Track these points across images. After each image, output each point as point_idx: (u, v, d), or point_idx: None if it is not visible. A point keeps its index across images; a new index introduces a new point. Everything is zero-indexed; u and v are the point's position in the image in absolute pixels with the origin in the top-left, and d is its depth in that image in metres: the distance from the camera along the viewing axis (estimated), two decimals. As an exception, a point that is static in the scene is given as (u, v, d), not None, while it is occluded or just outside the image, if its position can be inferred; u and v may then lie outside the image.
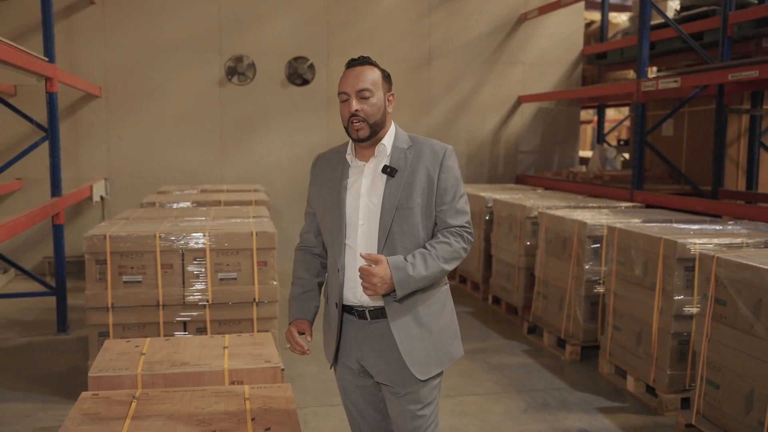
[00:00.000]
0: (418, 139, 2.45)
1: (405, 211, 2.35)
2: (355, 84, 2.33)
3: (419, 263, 2.30)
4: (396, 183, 2.36)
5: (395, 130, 2.46)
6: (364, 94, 2.33)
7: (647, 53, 6.47)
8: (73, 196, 6.39)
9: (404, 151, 2.41)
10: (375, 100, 2.34)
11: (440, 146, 2.41)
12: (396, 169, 2.38)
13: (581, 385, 4.68)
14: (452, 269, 2.38)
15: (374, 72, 2.38)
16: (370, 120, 2.34)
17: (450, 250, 2.35)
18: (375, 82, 2.36)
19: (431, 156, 2.39)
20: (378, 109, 2.35)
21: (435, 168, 2.38)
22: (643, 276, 4.37)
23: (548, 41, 9.29)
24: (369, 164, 2.43)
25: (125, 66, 8.10)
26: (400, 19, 8.79)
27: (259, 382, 3.24)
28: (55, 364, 4.99)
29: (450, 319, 2.50)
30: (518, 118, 9.33)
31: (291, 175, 8.58)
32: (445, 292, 2.50)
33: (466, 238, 2.39)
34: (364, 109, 2.33)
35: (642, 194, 6.58)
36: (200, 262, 4.28)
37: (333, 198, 2.45)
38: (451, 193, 2.38)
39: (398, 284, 2.29)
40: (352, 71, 2.38)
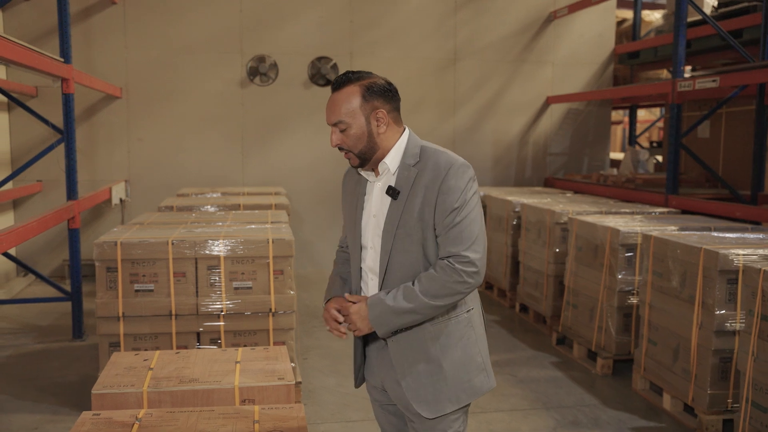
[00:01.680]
0: (428, 152, 2.18)
1: (404, 238, 2.15)
2: (330, 117, 2.16)
3: (398, 299, 2.10)
4: (397, 206, 2.16)
5: (407, 143, 2.21)
6: (340, 127, 2.15)
7: (683, 51, 6.18)
8: (89, 199, 6.28)
9: (410, 168, 2.17)
10: (353, 131, 2.14)
11: (445, 162, 2.13)
12: (398, 190, 2.16)
13: (614, 402, 4.43)
14: (449, 304, 2.12)
15: (350, 97, 2.13)
16: (354, 150, 2.17)
17: (437, 286, 2.08)
18: (350, 110, 2.13)
19: (432, 174, 2.13)
20: (359, 139, 2.15)
21: (434, 189, 2.11)
22: (681, 288, 4.12)
23: (578, 40, 9.02)
24: (378, 182, 2.25)
25: (146, 67, 7.99)
26: (426, 17, 8.58)
27: (272, 400, 3.06)
28: (68, 372, 4.86)
29: (470, 352, 2.23)
30: (547, 119, 9.06)
31: (313, 179, 8.41)
32: (462, 322, 2.23)
33: (460, 271, 2.07)
34: (344, 141, 2.16)
35: (677, 199, 6.29)
36: (214, 271, 4.12)
37: (352, 215, 2.32)
38: (450, 217, 2.10)
39: (374, 322, 2.13)
40: (330, 100, 2.18)
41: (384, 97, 2.16)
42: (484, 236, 2.14)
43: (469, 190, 2.12)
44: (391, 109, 2.19)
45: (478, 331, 2.27)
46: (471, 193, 2.13)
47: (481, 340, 2.28)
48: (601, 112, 9.26)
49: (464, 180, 2.11)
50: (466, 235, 2.09)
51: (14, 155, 7.73)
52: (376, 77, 2.18)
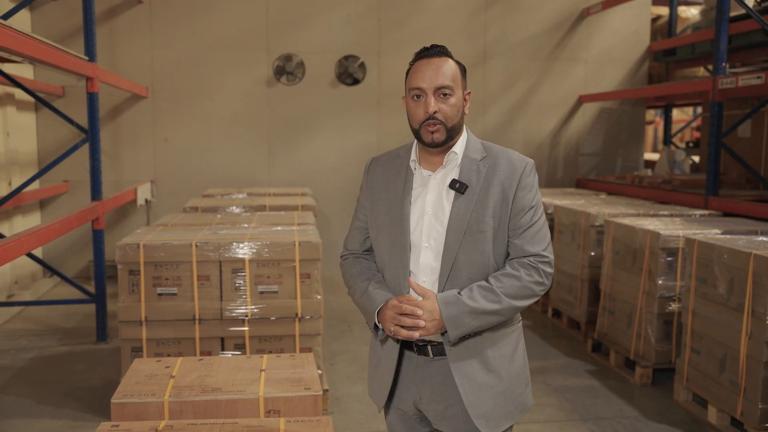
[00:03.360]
0: (494, 148, 2.07)
1: (475, 236, 1.97)
2: (434, 79, 1.97)
3: (478, 299, 1.93)
4: (466, 201, 1.99)
5: (467, 136, 2.09)
6: (444, 91, 1.98)
7: (725, 47, 5.93)
8: (114, 200, 6.21)
9: (477, 163, 2.03)
10: (454, 100, 1.99)
11: (520, 159, 2.04)
12: (466, 184, 2.00)
13: (655, 414, 4.22)
14: (526, 306, 1.99)
15: (453, 65, 2.02)
16: (448, 123, 1.99)
17: (518, 286, 1.95)
18: (455, 77, 2.01)
19: (509, 170, 2.00)
20: (457, 111, 2.01)
21: (512, 185, 1.99)
22: (728, 295, 3.90)
23: (612, 37, 8.77)
24: (436, 175, 2.06)
25: (172, 66, 7.93)
26: (455, 15, 8.40)
27: (298, 411, 2.92)
28: (91, 376, 4.77)
29: (522, 364, 2.13)
30: (579, 118, 8.83)
31: (340, 179, 8.27)
32: (517, 332, 2.12)
33: (542, 271, 1.97)
34: (443, 110, 1.98)
35: (718, 201, 6.05)
36: (239, 274, 3.99)
37: (393, 213, 2.08)
38: (528, 215, 1.99)
39: (449, 322, 1.92)
40: (428, 63, 2.00)
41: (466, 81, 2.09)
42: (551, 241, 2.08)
43: (538, 190, 2.07)
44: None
45: (523, 344, 2.17)
46: (539, 193, 2.08)
47: (526, 353, 2.19)
48: (635, 112, 9.00)
49: (536, 180, 2.06)
50: (543, 234, 2.01)
51: (41, 155, 7.71)
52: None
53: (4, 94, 6.56)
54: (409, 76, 2.04)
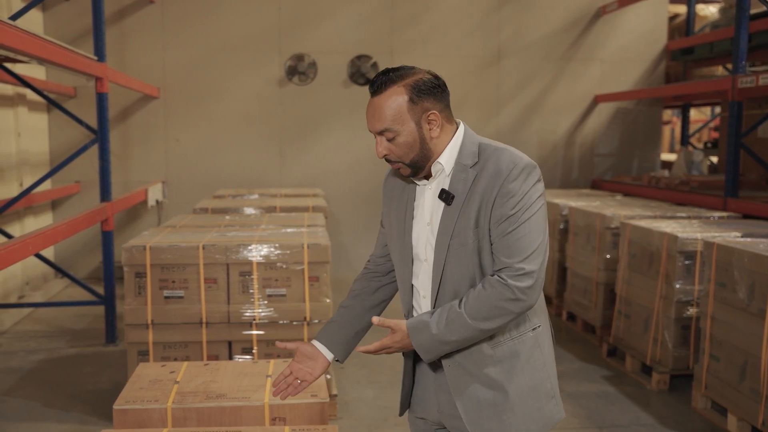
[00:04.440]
0: (488, 150, 1.90)
1: (458, 248, 1.87)
2: (372, 123, 1.87)
3: (443, 327, 1.83)
4: (451, 212, 1.88)
5: (462, 139, 1.93)
6: (386, 135, 1.87)
7: (746, 46, 5.80)
8: (124, 200, 6.17)
9: (467, 170, 1.88)
10: (403, 138, 1.86)
11: (508, 163, 1.84)
12: (453, 194, 1.88)
13: (672, 422, 4.11)
14: (499, 327, 1.84)
15: (395, 99, 1.84)
16: (405, 159, 1.89)
17: (486, 307, 1.80)
18: (397, 115, 1.84)
19: (492, 176, 1.84)
20: (410, 147, 1.87)
21: (492, 192, 1.83)
22: (749, 300, 3.79)
23: (628, 36, 8.64)
24: (430, 185, 1.96)
25: (183, 66, 7.89)
26: (468, 14, 8.30)
27: (304, 419, 2.85)
28: (99, 379, 4.73)
29: (538, 377, 1.94)
30: (595, 118, 8.71)
31: (352, 180, 8.20)
32: (528, 342, 1.94)
33: (513, 287, 1.78)
34: (393, 151, 1.88)
35: (737, 202, 5.91)
36: (247, 277, 3.93)
37: (399, 224, 2.02)
38: (506, 224, 1.82)
39: (421, 350, 1.87)
40: (371, 104, 1.88)
41: (434, 95, 1.87)
42: (545, 248, 1.85)
43: (533, 193, 1.84)
44: (443, 107, 1.90)
45: (546, 352, 1.98)
46: (535, 197, 1.84)
47: (549, 363, 1.99)
48: (651, 112, 8.86)
49: (528, 182, 1.83)
50: (523, 244, 1.81)
51: (53, 156, 7.70)
52: (419, 72, 1.89)
53: (15, 94, 6.55)
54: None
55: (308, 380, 2.08)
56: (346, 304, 2.18)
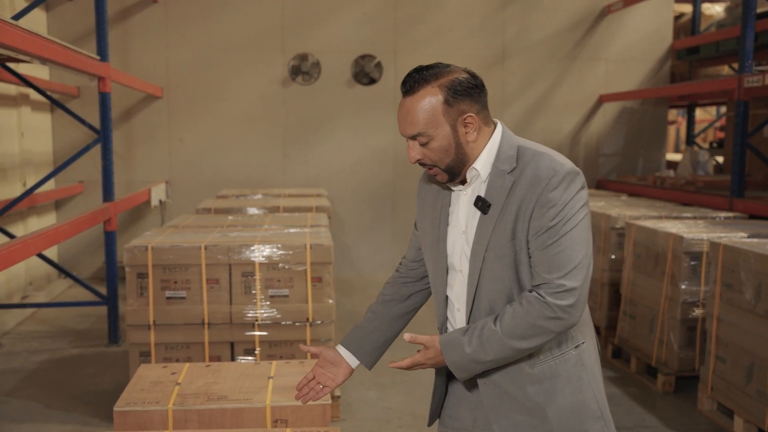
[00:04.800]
0: (527, 154, 1.76)
1: (494, 261, 1.75)
2: (404, 127, 1.76)
3: (476, 345, 1.72)
4: (487, 221, 1.75)
5: (500, 142, 1.80)
6: (419, 139, 1.75)
7: (752, 44, 5.76)
8: (127, 201, 6.16)
9: (504, 176, 1.75)
10: (438, 143, 1.74)
11: (547, 169, 1.71)
12: (489, 202, 1.75)
13: (678, 424, 4.08)
14: (537, 346, 1.72)
15: (429, 101, 1.72)
16: (440, 164, 1.77)
17: (523, 326, 1.68)
18: (431, 119, 1.72)
19: (531, 184, 1.71)
20: (445, 152, 1.75)
21: (530, 200, 1.70)
22: (756, 301, 3.75)
23: (633, 36, 8.59)
24: (465, 191, 1.83)
25: (187, 66, 7.88)
26: (473, 14, 8.27)
27: (306, 421, 2.82)
28: (101, 380, 4.71)
29: (582, 397, 1.81)
30: (600, 118, 8.67)
31: (355, 180, 8.18)
32: (570, 361, 1.80)
33: (553, 305, 1.66)
34: (427, 156, 1.76)
35: (743, 203, 5.87)
36: (249, 277, 3.90)
37: (434, 230, 1.90)
38: (545, 236, 1.69)
39: (454, 368, 1.77)
40: (401, 106, 1.77)
41: (471, 96, 1.75)
42: (588, 262, 1.71)
43: (576, 203, 1.71)
44: (480, 108, 1.77)
45: (591, 370, 1.84)
46: (577, 206, 1.71)
47: (595, 382, 1.85)
48: (657, 111, 8.82)
49: (570, 191, 1.71)
50: (564, 258, 1.68)
51: (56, 156, 7.70)
52: (455, 70, 1.76)
53: (18, 94, 6.54)
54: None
55: (330, 386, 2.05)
56: (375, 310, 2.10)
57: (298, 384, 2.01)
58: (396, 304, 2.09)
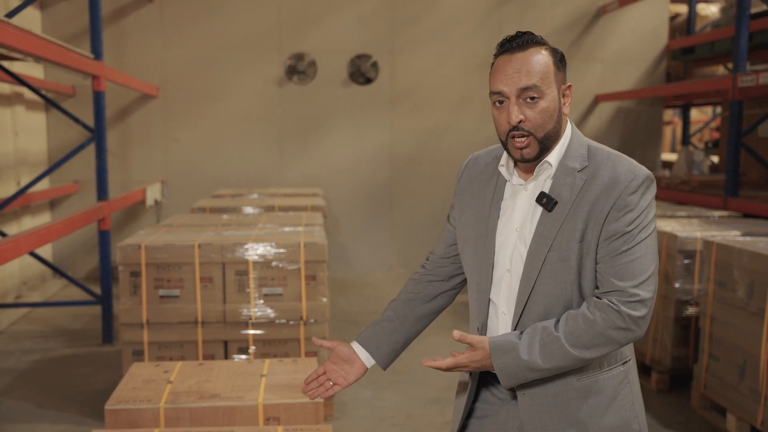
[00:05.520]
0: (600, 154, 1.68)
1: (556, 264, 1.65)
2: (516, 79, 1.61)
3: (535, 352, 1.61)
4: (553, 219, 1.65)
5: (570, 137, 1.71)
6: (530, 94, 1.61)
7: (746, 44, 5.77)
8: (121, 200, 6.15)
9: (574, 174, 1.66)
10: (546, 103, 1.62)
11: (627, 172, 1.63)
12: (555, 200, 1.65)
13: (671, 422, 4.08)
14: (600, 356, 1.64)
15: (544, 57, 1.63)
16: (539, 133, 1.63)
17: (591, 333, 1.60)
18: (546, 73, 1.62)
19: (607, 185, 1.62)
20: (551, 116, 1.63)
21: (606, 203, 1.61)
22: (748, 299, 3.75)
23: (629, 36, 8.60)
24: (527, 185, 1.72)
25: (183, 65, 7.87)
26: (469, 14, 8.27)
27: (298, 419, 2.82)
28: (95, 380, 4.70)
29: (625, 416, 1.73)
30: (596, 118, 8.67)
31: (352, 180, 8.17)
32: (617, 377, 1.72)
33: (625, 315, 1.58)
34: (530, 118, 1.62)
35: (737, 202, 5.88)
36: (243, 276, 3.90)
37: (480, 224, 1.78)
38: (620, 241, 1.61)
39: (501, 373, 1.65)
40: (510, 60, 1.64)
41: (565, 70, 1.69)
42: (657, 274, 1.65)
43: (650, 211, 1.65)
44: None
45: (635, 389, 1.77)
46: (651, 215, 1.65)
47: (638, 401, 1.78)
48: (652, 111, 8.83)
49: (647, 198, 1.63)
50: (638, 266, 1.60)
51: (51, 155, 7.68)
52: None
53: (12, 93, 6.52)
54: (491, 76, 1.68)
55: (342, 384, 1.89)
56: (396, 309, 1.96)
57: (306, 378, 1.91)
58: (420, 304, 1.96)
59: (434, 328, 2.23)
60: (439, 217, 8.05)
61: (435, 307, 1.98)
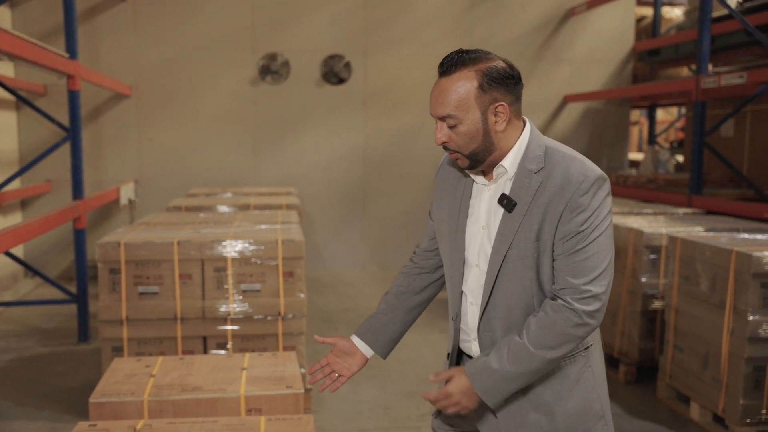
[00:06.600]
0: (556, 155, 1.77)
1: (516, 261, 1.76)
2: (435, 107, 1.76)
3: (506, 362, 1.72)
4: (512, 219, 1.75)
5: (528, 140, 1.80)
6: (447, 121, 1.75)
7: (708, 47, 5.96)
8: (96, 199, 6.15)
9: (531, 176, 1.75)
10: (465, 127, 1.73)
11: (578, 174, 1.71)
12: (515, 201, 1.75)
13: (638, 411, 4.23)
14: (566, 354, 1.75)
15: (464, 84, 1.73)
16: (464, 151, 1.76)
17: (552, 335, 1.70)
18: (462, 101, 1.72)
19: (560, 187, 1.71)
20: (471, 138, 1.74)
21: (559, 203, 1.71)
22: (711, 292, 3.91)
23: (597, 38, 8.80)
24: (489, 186, 1.84)
25: (156, 65, 7.87)
26: (442, 15, 8.39)
27: (279, 410, 2.89)
28: (72, 378, 4.71)
29: (587, 398, 1.84)
30: (564, 118, 8.85)
31: (326, 180, 8.24)
32: (579, 362, 1.83)
33: (580, 311, 1.69)
34: (453, 140, 1.76)
35: (701, 200, 6.08)
36: (222, 273, 3.96)
37: (451, 220, 1.89)
38: (573, 241, 1.70)
39: (484, 394, 1.76)
40: (437, 85, 1.78)
41: (506, 85, 1.75)
42: (611, 270, 1.74)
43: (603, 209, 1.73)
44: (513, 100, 1.77)
45: (597, 372, 1.88)
46: (604, 213, 1.73)
47: (600, 383, 1.89)
48: (620, 112, 9.04)
49: (599, 197, 1.72)
50: (590, 264, 1.70)
51: (22, 154, 7.62)
52: (494, 58, 1.77)
53: (-16, 92, 6.49)
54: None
55: (346, 375, 2.07)
56: (389, 302, 2.11)
57: (311, 368, 2.05)
58: (410, 296, 2.09)
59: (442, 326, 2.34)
60: (412, 217, 8.16)
61: (425, 298, 2.12)
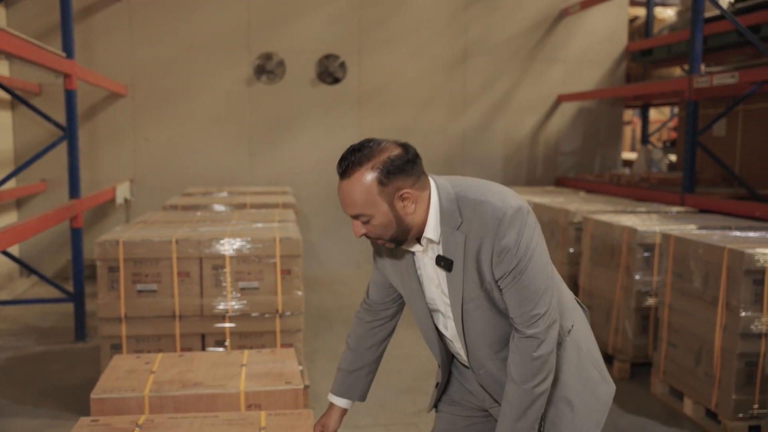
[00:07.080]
0: (467, 205, 1.81)
1: (474, 310, 1.88)
2: (344, 208, 1.82)
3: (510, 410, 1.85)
4: (455, 278, 1.85)
5: (439, 201, 1.84)
6: (360, 219, 1.82)
7: (700, 47, 6.02)
8: (92, 198, 6.16)
9: (454, 233, 1.82)
10: (377, 221, 1.80)
11: (492, 218, 1.77)
12: (451, 260, 1.84)
13: (633, 407, 4.28)
14: (551, 371, 1.85)
15: (363, 184, 1.76)
16: (384, 237, 1.84)
17: (522, 367, 1.82)
18: (367, 199, 1.77)
19: (481, 236, 1.79)
20: (386, 227, 1.81)
21: (486, 250, 1.79)
22: (704, 289, 3.96)
23: (590, 38, 8.86)
24: (426, 255, 1.92)
25: (152, 64, 7.88)
26: (436, 15, 8.44)
27: (279, 405, 2.93)
28: (69, 376, 4.73)
29: (586, 375, 1.99)
30: (558, 118, 8.91)
31: (321, 179, 8.26)
32: (569, 348, 1.97)
33: (533, 335, 1.81)
34: (370, 231, 1.84)
35: (694, 198, 6.13)
36: (220, 270, 3.98)
37: (406, 288, 2.01)
38: (509, 278, 1.80)
39: None
40: (340, 187, 1.81)
41: (404, 171, 1.78)
42: (551, 284, 1.84)
43: (527, 238, 1.78)
44: (414, 181, 1.81)
45: (586, 345, 2.02)
46: (529, 240, 1.78)
47: (593, 351, 2.04)
48: (613, 111, 9.10)
49: (519, 231, 1.76)
50: (530, 291, 1.80)
51: (18, 154, 7.63)
52: (388, 147, 1.79)
53: (-21, 91, 6.49)
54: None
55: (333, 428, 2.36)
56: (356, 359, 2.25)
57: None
58: (375, 348, 2.24)
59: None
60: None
61: (388, 337, 2.26)
